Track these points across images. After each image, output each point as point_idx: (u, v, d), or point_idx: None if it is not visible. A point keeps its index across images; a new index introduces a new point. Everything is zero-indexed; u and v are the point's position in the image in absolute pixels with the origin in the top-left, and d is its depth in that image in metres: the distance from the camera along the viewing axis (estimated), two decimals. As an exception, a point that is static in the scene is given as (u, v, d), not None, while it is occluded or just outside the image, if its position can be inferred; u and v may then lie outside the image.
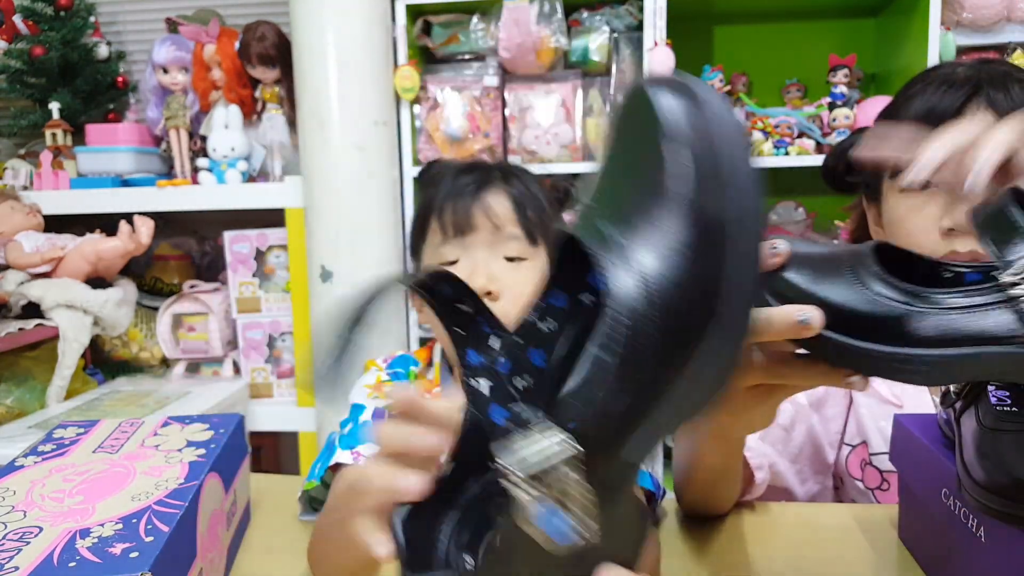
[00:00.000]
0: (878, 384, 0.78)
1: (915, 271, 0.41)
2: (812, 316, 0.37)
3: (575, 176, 0.99)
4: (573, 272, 0.32)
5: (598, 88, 1.75)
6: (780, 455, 0.83)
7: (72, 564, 0.44)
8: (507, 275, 0.76)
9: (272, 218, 1.77)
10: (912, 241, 0.73)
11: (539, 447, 0.28)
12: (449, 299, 0.33)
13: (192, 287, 1.88)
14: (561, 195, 0.94)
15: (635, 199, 0.28)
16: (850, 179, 0.83)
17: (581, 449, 0.28)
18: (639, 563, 0.35)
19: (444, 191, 0.82)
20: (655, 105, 0.28)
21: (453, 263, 0.82)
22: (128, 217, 1.67)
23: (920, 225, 0.73)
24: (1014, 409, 0.46)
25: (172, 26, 1.97)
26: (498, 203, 0.81)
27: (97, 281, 1.66)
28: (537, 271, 0.82)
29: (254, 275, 1.82)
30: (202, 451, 0.62)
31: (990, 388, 0.48)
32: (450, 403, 0.36)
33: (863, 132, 0.82)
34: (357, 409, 0.77)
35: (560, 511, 0.28)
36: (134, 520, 0.49)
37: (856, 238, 0.91)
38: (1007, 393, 0.47)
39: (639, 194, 0.28)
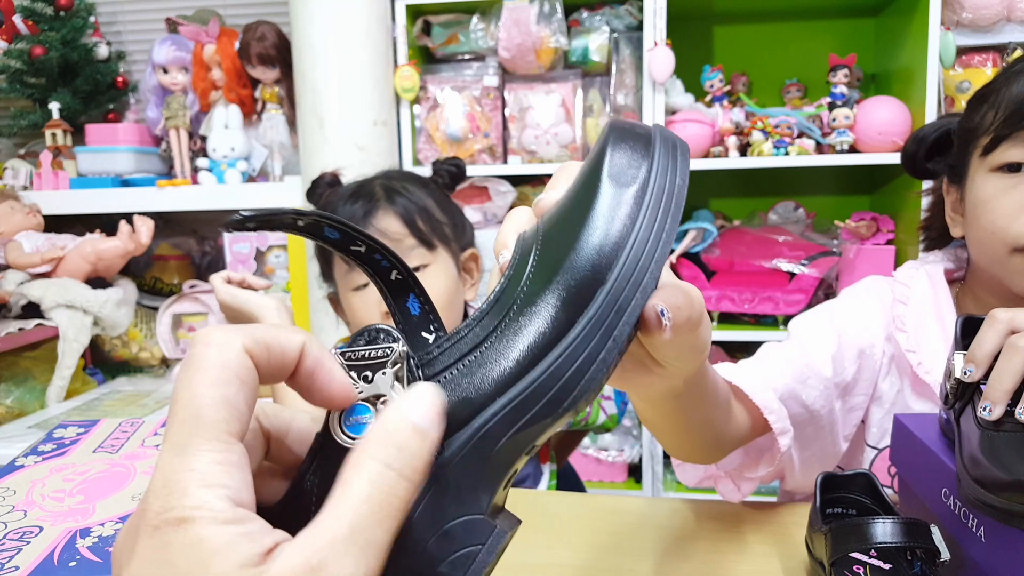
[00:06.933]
0: (914, 399, 0.75)
1: None
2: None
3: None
4: None
5: (598, 88, 1.75)
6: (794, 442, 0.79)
7: (72, 564, 0.44)
8: None
9: (272, 218, 1.77)
10: (996, 224, 0.69)
11: (372, 347, 0.26)
12: (340, 242, 0.28)
13: (192, 287, 1.88)
14: (448, 178, 1.02)
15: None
16: (931, 166, 0.80)
17: (407, 351, 0.26)
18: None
19: None
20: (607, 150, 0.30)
21: (364, 285, 0.91)
22: (128, 217, 1.67)
23: (1009, 207, 0.68)
24: (1012, 409, 0.46)
25: (172, 26, 1.97)
26: (388, 223, 0.89)
27: (97, 281, 1.66)
28: (441, 273, 0.91)
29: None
30: (202, 451, 0.62)
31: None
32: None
33: (948, 118, 0.79)
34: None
35: (369, 410, 0.25)
36: (134, 520, 0.49)
37: (929, 225, 0.87)
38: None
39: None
